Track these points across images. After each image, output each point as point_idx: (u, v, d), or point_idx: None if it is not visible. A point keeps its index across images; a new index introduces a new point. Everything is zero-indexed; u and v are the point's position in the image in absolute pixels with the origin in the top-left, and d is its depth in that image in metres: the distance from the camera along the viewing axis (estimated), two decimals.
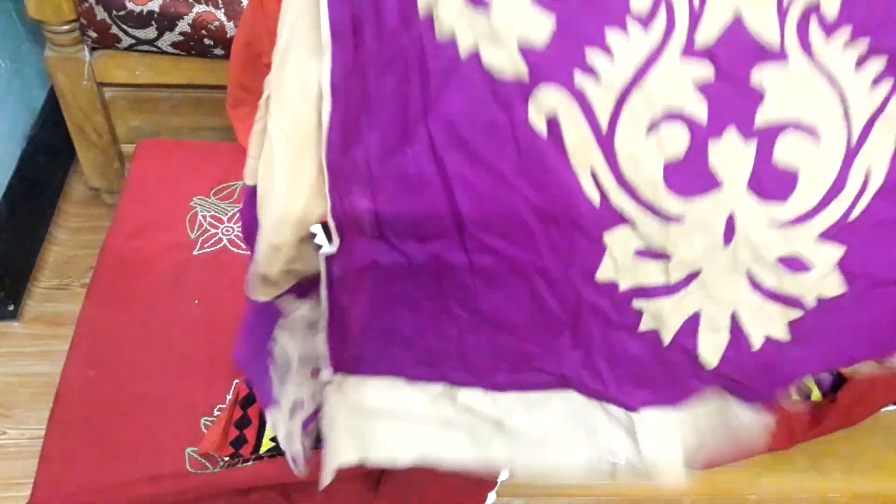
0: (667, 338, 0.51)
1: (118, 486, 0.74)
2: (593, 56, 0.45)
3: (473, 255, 0.50)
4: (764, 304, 0.50)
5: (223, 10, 1.09)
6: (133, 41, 1.11)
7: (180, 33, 1.09)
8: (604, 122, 0.46)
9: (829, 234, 0.48)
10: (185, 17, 1.08)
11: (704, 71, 0.46)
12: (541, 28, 0.45)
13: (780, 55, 0.45)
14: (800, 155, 0.47)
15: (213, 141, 1.14)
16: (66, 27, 1.09)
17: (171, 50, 1.12)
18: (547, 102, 0.46)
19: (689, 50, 0.45)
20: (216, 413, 0.79)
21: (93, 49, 1.14)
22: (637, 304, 0.51)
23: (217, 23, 1.09)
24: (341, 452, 0.55)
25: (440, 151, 0.47)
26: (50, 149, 1.36)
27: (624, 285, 0.50)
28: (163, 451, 0.76)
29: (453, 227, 0.49)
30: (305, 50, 0.46)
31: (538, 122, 0.46)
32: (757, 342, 0.51)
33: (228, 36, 1.09)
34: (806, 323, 0.50)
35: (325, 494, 0.78)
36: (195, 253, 0.93)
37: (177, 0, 1.08)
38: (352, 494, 0.78)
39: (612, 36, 0.45)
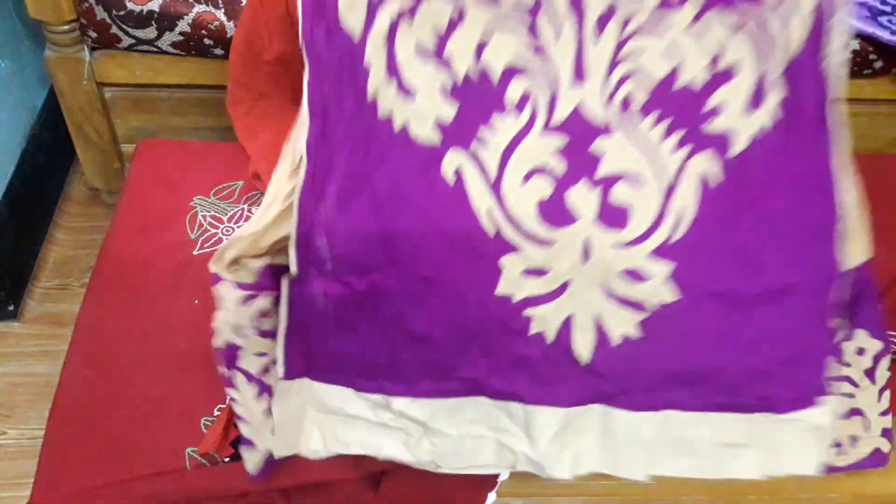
0: (550, 337, 0.67)
1: (118, 486, 0.74)
2: (483, 130, 0.67)
3: (403, 283, 0.67)
4: (617, 308, 0.67)
5: (223, 10, 1.09)
6: (133, 41, 1.11)
7: (180, 33, 1.10)
8: (493, 175, 0.67)
9: (659, 252, 0.67)
10: (185, 17, 1.08)
11: (559, 141, 0.67)
12: (449, 111, 0.67)
13: (607, 129, 0.67)
14: (630, 197, 0.67)
15: (213, 141, 1.14)
16: (66, 27, 1.09)
17: (170, 50, 1.12)
18: (454, 161, 0.67)
19: (548, 127, 0.67)
20: (216, 413, 0.79)
21: (93, 49, 1.14)
22: (527, 312, 0.67)
23: (217, 23, 1.09)
24: (313, 440, 0.69)
25: (381, 200, 0.67)
26: (50, 149, 1.36)
27: (516, 298, 0.67)
28: (163, 450, 0.76)
29: (388, 260, 0.67)
30: (302, 127, 0.68)
31: (448, 175, 0.67)
32: (615, 339, 0.67)
33: (228, 36, 1.09)
34: (654, 323, 0.67)
35: (325, 495, 0.78)
36: (195, 253, 0.93)
37: (177, 0, 1.08)
38: (352, 494, 0.78)
39: (496, 118, 0.67)
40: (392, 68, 0.67)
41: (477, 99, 0.67)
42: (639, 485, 0.82)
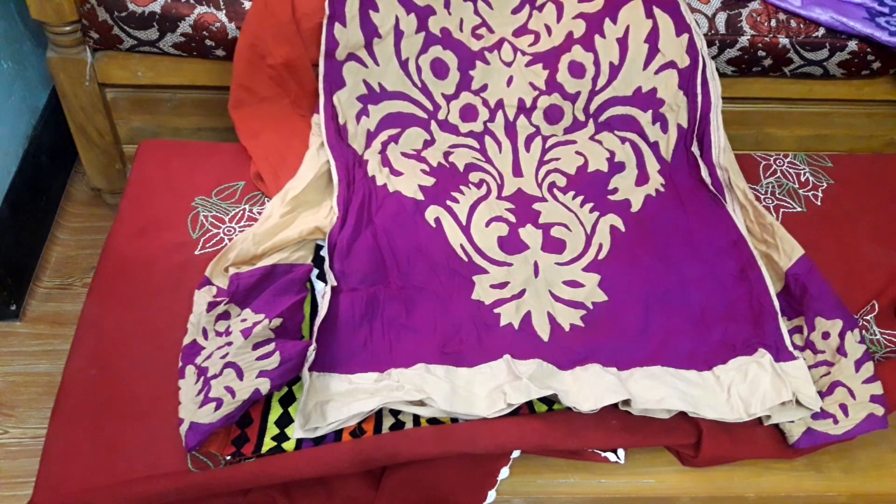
0: (516, 326, 0.88)
1: (119, 485, 0.74)
2: (454, 195, 0.99)
3: (398, 292, 0.90)
4: (564, 307, 0.91)
5: (224, 12, 1.09)
6: (135, 42, 1.11)
7: (182, 34, 1.10)
8: (464, 222, 0.97)
9: (589, 269, 0.95)
10: (187, 18, 1.09)
11: (509, 204, 1.00)
12: (429, 181, 1.00)
13: (543, 199, 1.02)
14: (564, 235, 0.98)
15: (215, 141, 1.15)
16: (68, 28, 1.09)
17: (172, 51, 1.13)
18: (434, 212, 0.97)
19: (500, 197, 1.01)
20: None
21: (95, 50, 1.14)
22: (496, 310, 0.90)
23: (218, 24, 1.09)
24: (313, 422, 0.78)
25: (379, 234, 0.94)
26: (52, 149, 1.37)
27: (487, 302, 0.90)
28: (164, 449, 0.76)
29: (385, 277, 0.91)
30: (318, 193, 0.99)
31: (430, 220, 0.96)
32: (566, 326, 0.89)
33: (230, 37, 1.10)
34: (592, 317, 0.90)
35: (326, 493, 0.78)
36: (197, 253, 0.94)
37: (178, 1, 1.08)
38: (353, 492, 0.78)
39: (462, 188, 1.01)
40: (385, 162, 1.02)
41: (448, 178, 1.01)
42: (639, 485, 0.83)
